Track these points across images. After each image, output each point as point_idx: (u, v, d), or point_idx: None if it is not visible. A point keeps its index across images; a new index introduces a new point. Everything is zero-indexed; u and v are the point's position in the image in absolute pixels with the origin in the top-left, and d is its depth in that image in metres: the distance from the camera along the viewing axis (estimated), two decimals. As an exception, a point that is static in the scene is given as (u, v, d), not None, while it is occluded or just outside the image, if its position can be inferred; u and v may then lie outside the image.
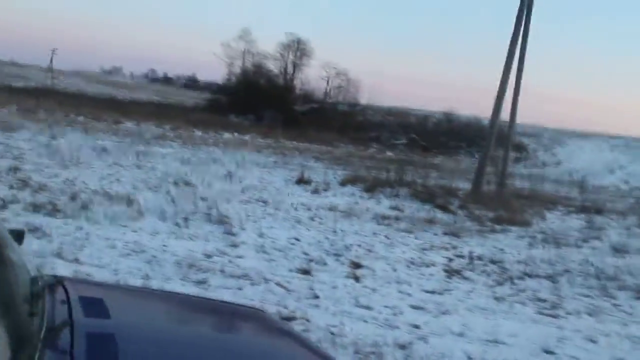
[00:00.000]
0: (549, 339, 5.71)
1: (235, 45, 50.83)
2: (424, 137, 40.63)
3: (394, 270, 7.73)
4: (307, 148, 28.45)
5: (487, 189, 16.59)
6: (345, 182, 15.78)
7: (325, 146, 31.50)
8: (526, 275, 8.21)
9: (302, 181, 15.13)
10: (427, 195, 14.26)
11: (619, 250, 10.56)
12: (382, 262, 8.05)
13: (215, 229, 8.79)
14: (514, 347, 5.42)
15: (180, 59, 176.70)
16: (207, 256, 7.19)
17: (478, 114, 38.50)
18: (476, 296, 6.99)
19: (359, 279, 7.08)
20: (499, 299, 6.97)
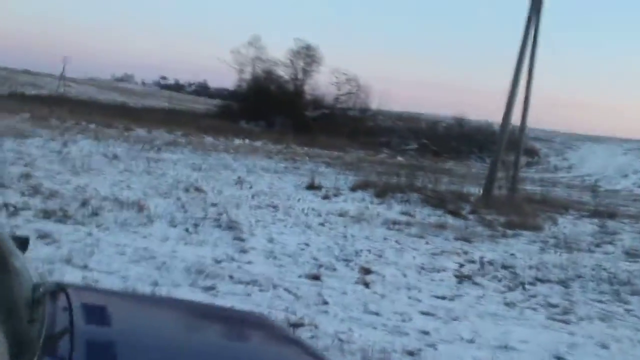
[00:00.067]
0: (560, 345, 5.65)
1: (245, 52, 50.95)
2: (434, 142, 40.49)
3: (404, 275, 7.69)
4: (317, 154, 28.42)
5: (499, 193, 16.48)
6: (356, 188, 15.73)
7: (336, 151, 31.46)
8: (538, 280, 8.14)
9: (312, 187, 15.10)
10: (438, 201, 14.20)
11: (632, 254, 10.47)
12: (392, 268, 8.00)
13: (225, 234, 8.79)
14: (524, 353, 5.37)
15: (191, 66, 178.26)
16: (216, 262, 7.19)
17: (489, 118, 38.39)
18: (487, 302, 6.93)
19: (368, 285, 7.04)
20: (510, 304, 6.91)
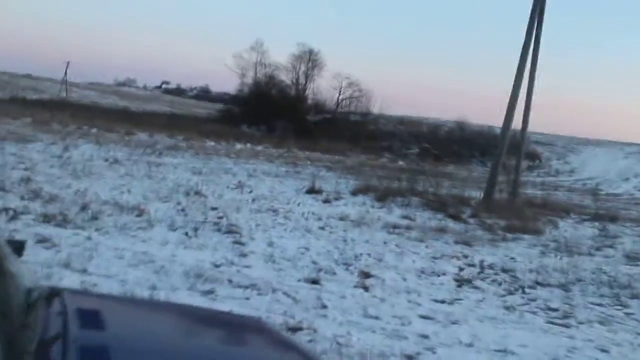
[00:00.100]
0: (559, 349, 5.64)
1: (247, 56, 51.14)
2: (436, 146, 40.52)
3: (403, 279, 7.68)
4: (318, 158, 28.43)
5: (500, 197, 16.48)
6: (357, 192, 15.72)
7: (337, 156, 31.49)
8: (538, 284, 8.13)
9: (313, 191, 15.10)
10: (438, 204, 14.19)
11: (632, 258, 10.46)
12: (392, 272, 7.99)
13: (224, 238, 8.79)
14: (523, 357, 5.35)
15: (193, 71, 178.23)
16: (215, 266, 7.18)
17: (490, 122, 38.43)
18: (486, 305, 6.92)
19: (368, 289, 7.03)
20: (510, 308, 6.90)
